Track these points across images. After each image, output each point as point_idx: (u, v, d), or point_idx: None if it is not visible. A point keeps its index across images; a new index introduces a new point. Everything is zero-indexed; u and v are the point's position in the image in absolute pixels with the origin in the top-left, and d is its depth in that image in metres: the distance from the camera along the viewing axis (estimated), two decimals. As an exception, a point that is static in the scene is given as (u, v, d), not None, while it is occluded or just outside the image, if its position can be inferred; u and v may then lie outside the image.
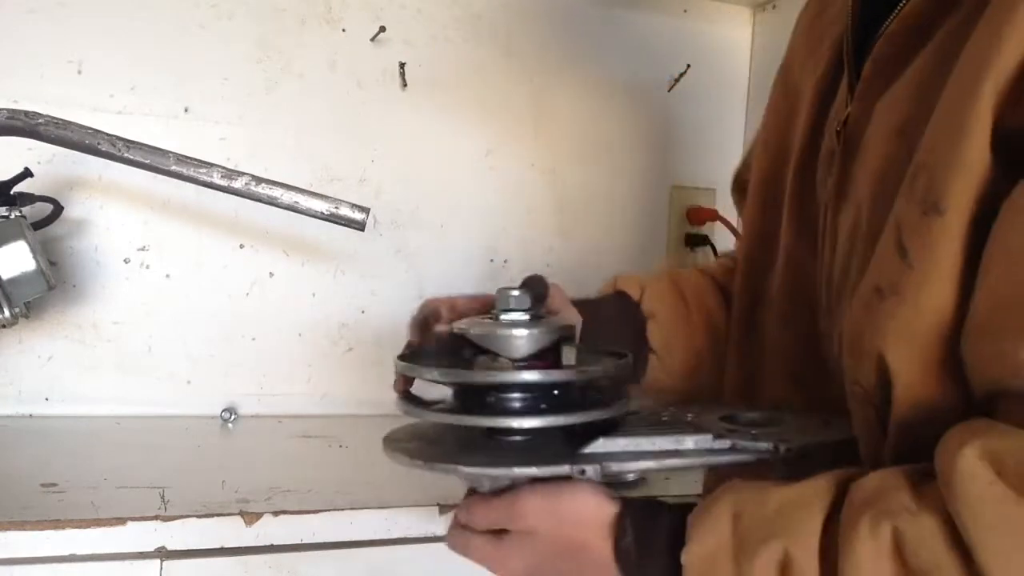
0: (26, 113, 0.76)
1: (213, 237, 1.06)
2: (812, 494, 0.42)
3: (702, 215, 1.28)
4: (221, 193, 0.78)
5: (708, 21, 1.29)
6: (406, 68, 1.12)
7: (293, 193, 0.78)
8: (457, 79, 1.16)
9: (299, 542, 0.69)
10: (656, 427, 0.55)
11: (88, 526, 0.63)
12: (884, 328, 0.44)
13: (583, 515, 0.50)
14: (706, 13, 1.29)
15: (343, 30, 1.10)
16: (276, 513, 0.68)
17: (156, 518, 0.65)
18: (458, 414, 0.54)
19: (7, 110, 0.76)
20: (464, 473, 0.53)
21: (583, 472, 0.51)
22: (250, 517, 0.67)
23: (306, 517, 0.69)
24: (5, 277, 0.80)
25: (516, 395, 0.53)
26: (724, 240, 1.30)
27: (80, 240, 1.01)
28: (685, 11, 1.28)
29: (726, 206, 1.31)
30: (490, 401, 0.54)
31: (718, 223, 1.29)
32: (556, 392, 0.55)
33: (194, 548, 0.66)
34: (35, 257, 0.81)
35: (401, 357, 0.58)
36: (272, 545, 0.68)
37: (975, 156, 0.40)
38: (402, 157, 1.14)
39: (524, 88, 1.20)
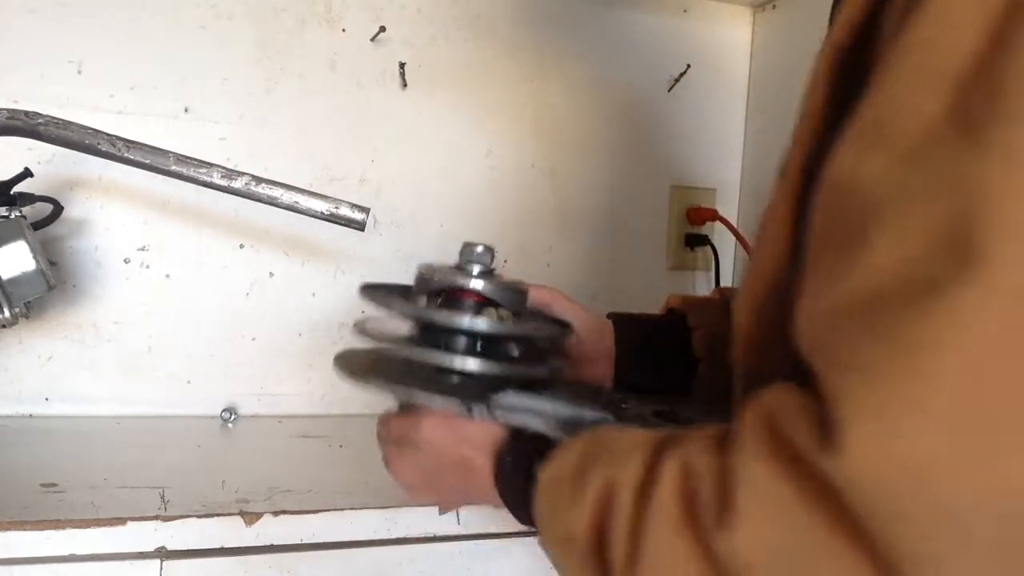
0: (26, 113, 0.76)
1: (213, 237, 1.06)
2: (652, 437, 0.46)
3: (702, 215, 1.28)
4: (221, 193, 0.78)
5: (708, 21, 1.29)
6: (406, 68, 1.12)
7: (293, 193, 0.78)
8: (457, 79, 1.16)
9: (299, 542, 0.69)
10: (574, 399, 0.59)
11: (88, 526, 0.63)
12: (740, 288, 0.48)
13: (476, 436, 0.56)
14: (706, 13, 1.29)
15: (343, 30, 1.10)
16: (276, 513, 0.68)
17: (156, 518, 0.65)
18: (398, 344, 0.60)
19: (7, 110, 0.76)
20: (373, 388, 0.58)
21: (470, 410, 0.56)
22: (250, 517, 0.67)
23: (306, 517, 0.69)
24: (5, 277, 0.80)
25: (458, 339, 0.58)
26: (724, 240, 1.30)
27: (80, 240, 1.01)
28: (685, 11, 1.28)
29: (726, 206, 1.31)
30: (436, 341, 0.58)
31: (718, 223, 1.29)
32: (494, 347, 0.59)
33: (194, 548, 0.66)
34: (35, 257, 0.81)
35: (364, 287, 0.64)
36: (272, 545, 0.68)
37: (808, 125, 0.44)
38: (402, 157, 1.14)
39: (524, 88, 1.20)
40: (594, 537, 0.46)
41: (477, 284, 0.59)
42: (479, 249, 0.61)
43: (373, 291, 0.64)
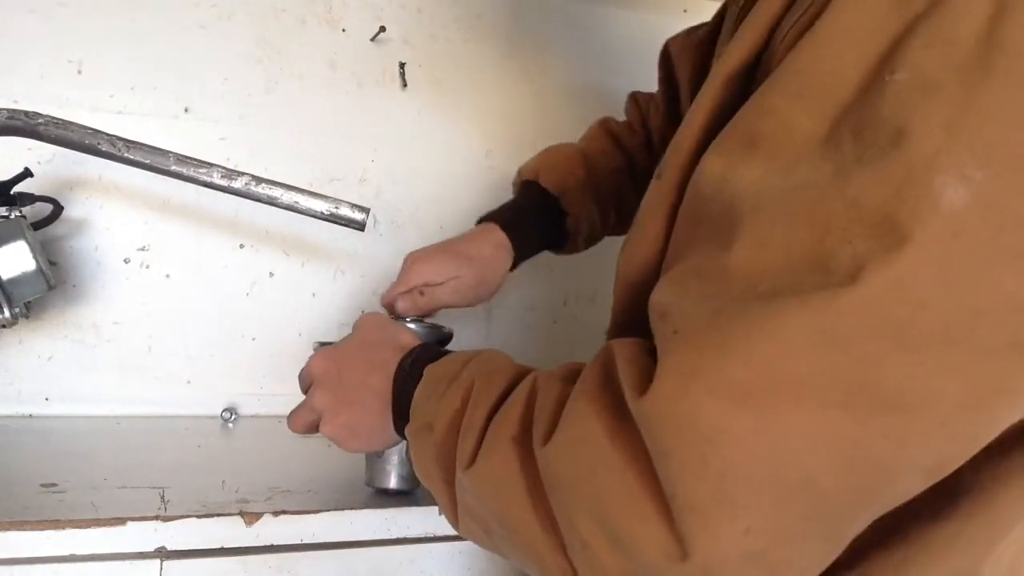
0: (26, 113, 0.76)
1: (213, 237, 1.06)
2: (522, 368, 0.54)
3: (702, 215, 1.28)
4: (221, 193, 0.78)
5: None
6: (406, 68, 1.12)
7: (293, 193, 0.78)
8: (457, 79, 1.16)
9: (299, 542, 0.69)
10: None
11: (88, 526, 0.63)
12: (618, 268, 0.54)
13: (401, 337, 0.64)
14: (706, 13, 1.28)
15: (343, 30, 1.10)
16: (276, 513, 0.68)
17: (156, 518, 0.65)
18: None
19: (7, 110, 0.76)
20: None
21: None
22: (250, 517, 0.67)
23: (306, 517, 0.69)
24: (5, 277, 0.80)
25: None
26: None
27: (80, 240, 1.01)
28: (685, 11, 1.28)
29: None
30: None
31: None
32: None
33: (194, 548, 0.66)
34: (35, 257, 0.81)
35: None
36: (272, 545, 0.68)
37: (692, 132, 0.47)
38: (402, 157, 1.14)
39: (524, 88, 1.20)
40: (448, 434, 0.52)
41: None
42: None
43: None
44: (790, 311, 0.36)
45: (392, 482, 0.74)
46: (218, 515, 0.67)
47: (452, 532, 0.74)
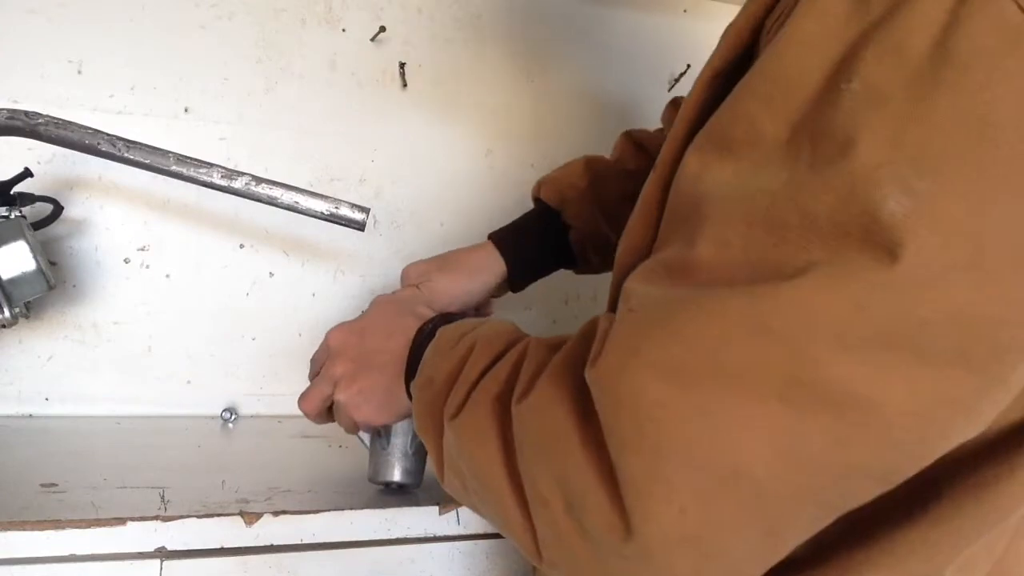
0: (26, 113, 0.76)
1: (213, 237, 1.06)
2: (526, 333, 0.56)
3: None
4: (221, 193, 0.78)
5: (708, 21, 1.29)
6: (406, 68, 1.12)
7: (293, 193, 0.78)
8: (457, 79, 1.16)
9: (299, 542, 0.69)
10: None
11: (88, 526, 0.63)
12: (615, 258, 0.56)
13: (418, 308, 0.68)
14: (706, 13, 1.29)
15: (343, 30, 1.10)
16: (276, 513, 0.68)
17: (156, 518, 0.65)
18: None
19: (7, 110, 0.76)
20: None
21: None
22: (250, 517, 0.67)
23: (306, 517, 0.69)
24: (5, 277, 0.80)
25: None
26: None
27: (80, 240, 1.01)
28: (685, 11, 1.28)
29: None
30: None
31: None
32: None
33: (194, 548, 0.66)
34: (35, 257, 0.81)
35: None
36: (272, 545, 0.68)
37: (680, 128, 0.49)
38: (402, 157, 1.14)
39: (524, 88, 1.20)
40: (444, 388, 0.54)
41: None
42: None
43: None
44: (735, 299, 0.37)
45: (396, 475, 0.74)
46: (218, 515, 0.67)
47: (452, 532, 0.74)
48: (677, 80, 1.26)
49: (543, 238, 0.89)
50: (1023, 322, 0.35)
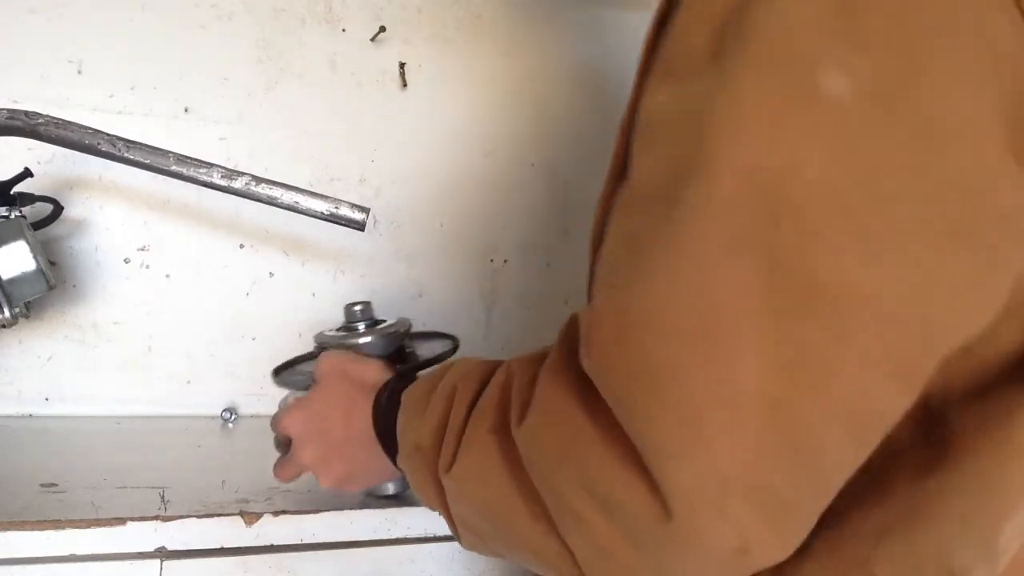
0: (26, 113, 0.76)
1: (213, 237, 1.06)
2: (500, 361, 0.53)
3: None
4: (221, 193, 0.78)
5: (708, 21, 1.29)
6: (406, 68, 1.12)
7: (293, 193, 0.78)
8: (457, 79, 1.16)
9: (299, 542, 0.69)
10: None
11: (88, 526, 0.63)
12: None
13: (365, 376, 0.63)
14: (706, 13, 1.29)
15: (343, 30, 1.10)
16: (276, 513, 0.68)
17: (156, 518, 0.65)
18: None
19: (7, 110, 0.76)
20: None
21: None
22: (250, 517, 0.67)
23: (306, 517, 0.69)
24: (5, 277, 0.80)
25: None
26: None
27: (80, 240, 1.01)
28: (685, 11, 1.28)
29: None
30: None
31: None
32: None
33: (194, 548, 0.66)
34: (35, 257, 0.81)
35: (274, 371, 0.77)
36: (272, 545, 0.68)
37: (637, 73, 0.47)
38: (402, 157, 1.14)
39: (524, 88, 1.20)
40: (434, 446, 0.51)
41: (361, 340, 0.70)
42: (357, 308, 0.73)
43: (281, 374, 0.77)
44: (697, 224, 0.36)
45: (390, 488, 0.74)
46: (218, 515, 0.67)
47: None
48: (677, 80, 1.26)
49: None
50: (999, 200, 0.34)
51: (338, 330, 0.73)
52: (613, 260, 0.41)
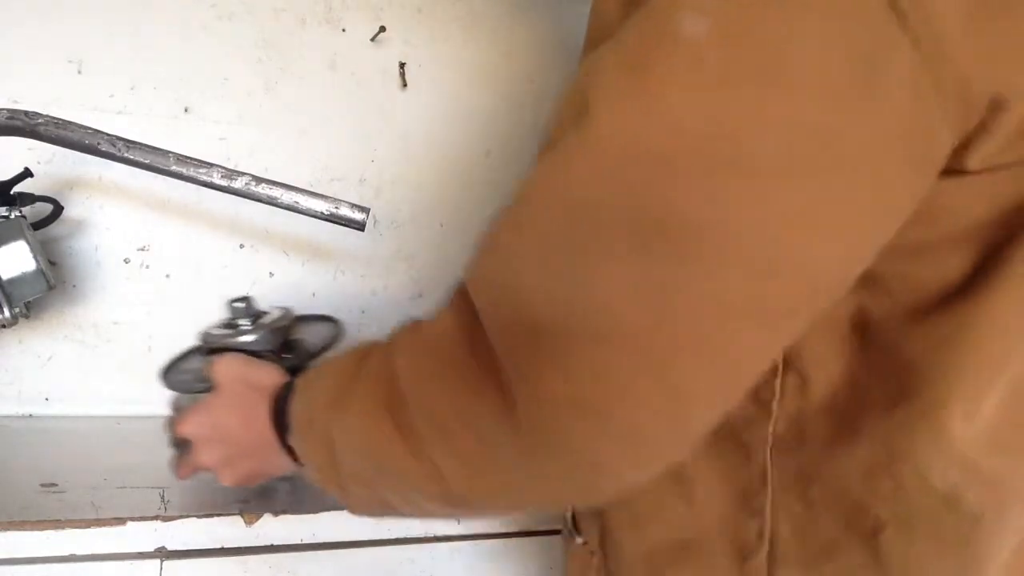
0: (26, 113, 0.76)
1: (213, 237, 1.06)
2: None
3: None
4: (221, 193, 0.78)
5: (708, 21, 1.29)
6: (406, 68, 1.12)
7: (293, 193, 0.78)
8: (457, 79, 1.16)
9: (299, 542, 0.69)
10: None
11: (88, 526, 0.63)
12: None
13: (263, 380, 0.64)
14: (706, 13, 1.29)
15: (343, 30, 1.10)
16: (276, 513, 0.68)
17: (156, 518, 0.65)
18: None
19: (7, 110, 0.76)
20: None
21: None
22: (250, 517, 0.67)
23: (306, 517, 0.69)
24: (5, 277, 0.80)
25: None
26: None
27: (80, 240, 1.01)
28: (685, 11, 1.28)
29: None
30: None
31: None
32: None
33: (194, 548, 0.66)
34: (35, 257, 0.81)
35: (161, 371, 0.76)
36: (272, 545, 0.68)
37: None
38: (402, 157, 1.14)
39: (524, 88, 1.20)
40: (328, 407, 0.53)
41: (247, 338, 0.72)
42: (240, 304, 0.75)
43: (169, 374, 0.76)
44: (571, 160, 0.38)
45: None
46: (218, 515, 0.67)
47: (452, 532, 0.74)
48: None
49: None
50: (843, 132, 0.35)
51: (223, 327, 0.75)
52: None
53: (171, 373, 0.76)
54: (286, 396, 0.60)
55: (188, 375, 0.74)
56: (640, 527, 0.53)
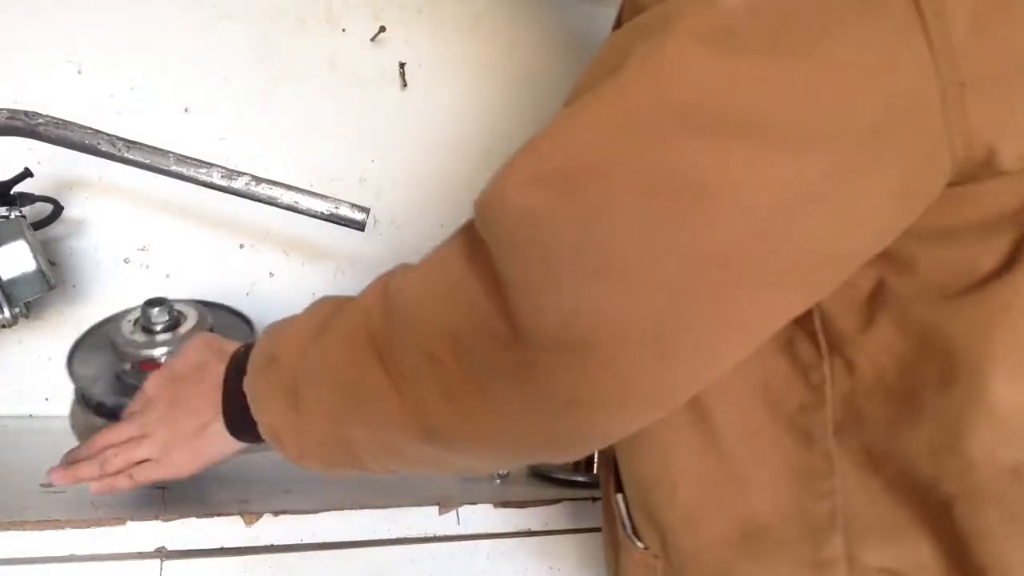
0: (26, 113, 0.76)
1: (213, 237, 1.06)
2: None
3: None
4: (221, 193, 0.78)
5: (708, 21, 1.29)
6: (406, 68, 1.12)
7: (293, 193, 0.78)
8: (457, 79, 1.16)
9: (299, 542, 0.69)
10: None
11: (88, 526, 0.63)
12: None
13: (211, 344, 0.64)
14: (706, 13, 1.29)
15: (343, 30, 1.10)
16: (276, 513, 0.68)
17: (156, 518, 0.65)
18: None
19: (7, 110, 0.76)
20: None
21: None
22: (250, 517, 0.67)
23: (306, 517, 0.69)
24: (5, 277, 0.80)
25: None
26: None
27: (80, 240, 1.01)
28: (685, 11, 1.28)
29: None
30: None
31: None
32: None
33: (194, 548, 0.66)
34: (35, 257, 0.81)
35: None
36: (272, 545, 0.68)
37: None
38: (402, 157, 1.14)
39: (524, 88, 1.20)
40: (299, 350, 0.53)
41: (164, 349, 0.75)
42: (154, 310, 0.76)
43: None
44: (596, 98, 0.39)
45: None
46: (218, 515, 0.67)
47: (452, 532, 0.74)
48: (677, 80, 1.26)
49: None
50: (871, 110, 0.36)
51: (137, 330, 0.76)
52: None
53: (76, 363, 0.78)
54: (247, 348, 0.60)
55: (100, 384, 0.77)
56: (696, 526, 0.52)
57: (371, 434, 0.50)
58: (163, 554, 0.65)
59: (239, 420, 0.59)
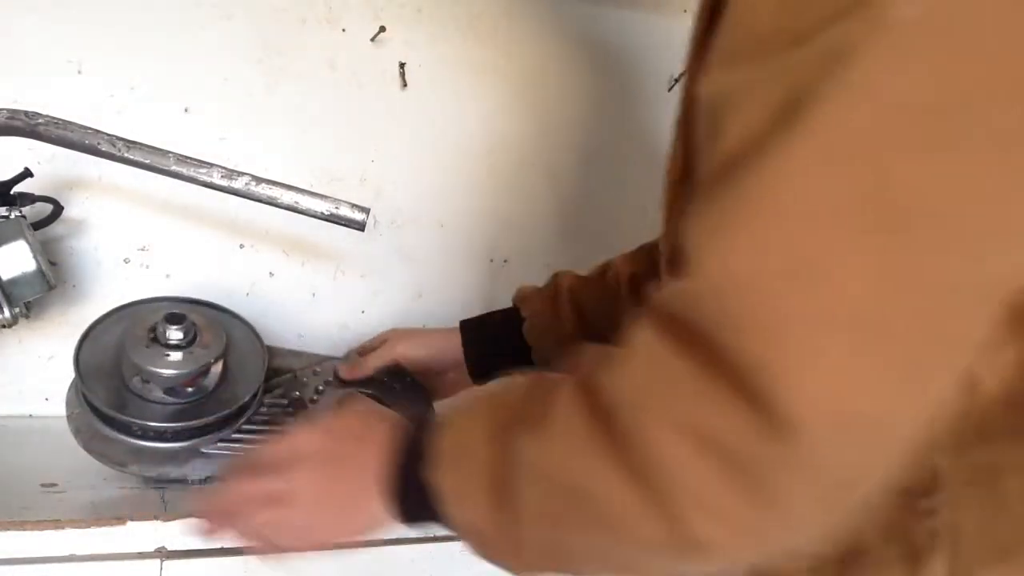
0: (26, 113, 0.76)
1: (213, 237, 1.06)
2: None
3: (702, 215, 1.28)
4: (221, 193, 0.78)
5: (708, 21, 1.29)
6: (406, 68, 1.12)
7: (293, 193, 0.78)
8: (457, 79, 1.16)
9: (299, 542, 0.69)
10: None
11: (88, 526, 0.63)
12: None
13: (373, 413, 0.62)
14: (706, 13, 1.29)
15: (343, 30, 1.10)
16: (276, 513, 0.68)
17: (156, 518, 0.65)
18: None
19: (7, 110, 0.76)
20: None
21: None
22: (250, 517, 0.67)
23: (306, 517, 0.69)
24: (5, 277, 0.80)
25: None
26: (724, 240, 1.30)
27: (80, 240, 1.01)
28: (685, 11, 1.28)
29: (726, 206, 1.31)
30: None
31: (718, 223, 1.29)
32: None
33: (194, 548, 0.66)
34: (35, 257, 0.81)
35: None
36: (272, 545, 0.68)
37: (676, 150, 0.54)
38: (402, 157, 1.14)
39: (524, 88, 1.20)
40: (495, 439, 0.48)
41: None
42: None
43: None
44: (797, 135, 0.37)
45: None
46: (218, 515, 0.67)
47: (452, 532, 0.74)
48: (677, 80, 1.26)
49: (505, 331, 0.91)
50: None
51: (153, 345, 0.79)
52: (701, 207, 0.40)
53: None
54: (422, 426, 0.54)
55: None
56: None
57: (591, 546, 0.47)
58: (163, 554, 0.65)
59: (413, 508, 0.55)
